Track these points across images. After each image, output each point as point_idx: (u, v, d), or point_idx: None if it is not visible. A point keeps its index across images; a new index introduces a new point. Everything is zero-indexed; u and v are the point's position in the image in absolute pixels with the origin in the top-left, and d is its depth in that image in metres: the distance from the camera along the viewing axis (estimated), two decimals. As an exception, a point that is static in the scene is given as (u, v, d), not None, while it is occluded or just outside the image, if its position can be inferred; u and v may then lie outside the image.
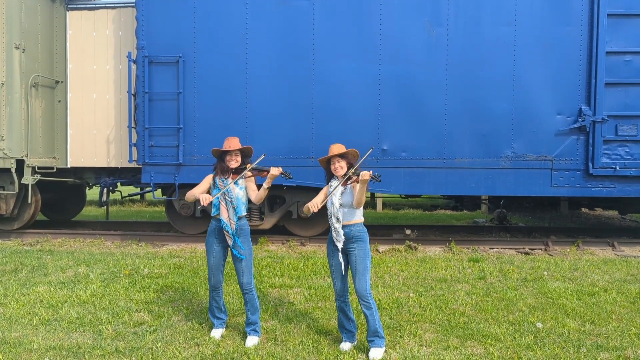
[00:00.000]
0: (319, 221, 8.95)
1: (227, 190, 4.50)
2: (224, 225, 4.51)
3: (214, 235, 4.62)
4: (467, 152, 8.06)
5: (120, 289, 6.01)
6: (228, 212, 4.51)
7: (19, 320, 5.07)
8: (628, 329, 4.83)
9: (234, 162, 4.58)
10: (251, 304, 4.60)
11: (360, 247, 4.33)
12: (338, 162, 4.39)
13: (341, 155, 4.39)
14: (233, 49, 8.17)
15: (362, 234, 4.36)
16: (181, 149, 8.24)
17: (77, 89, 9.05)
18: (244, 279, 4.58)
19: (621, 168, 7.88)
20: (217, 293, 4.68)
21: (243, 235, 4.59)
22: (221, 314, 4.74)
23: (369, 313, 4.27)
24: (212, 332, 4.68)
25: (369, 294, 4.27)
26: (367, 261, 4.32)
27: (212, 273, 4.64)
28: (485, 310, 5.33)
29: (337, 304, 4.46)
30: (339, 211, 4.30)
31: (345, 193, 4.34)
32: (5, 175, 8.84)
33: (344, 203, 4.32)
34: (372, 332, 4.30)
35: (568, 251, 8.20)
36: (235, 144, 4.59)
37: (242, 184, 4.59)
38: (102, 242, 8.92)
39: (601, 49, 7.76)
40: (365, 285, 4.27)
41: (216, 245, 4.61)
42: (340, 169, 4.37)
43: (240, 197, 4.56)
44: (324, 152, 8.09)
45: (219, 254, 4.62)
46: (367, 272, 4.31)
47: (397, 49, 8.03)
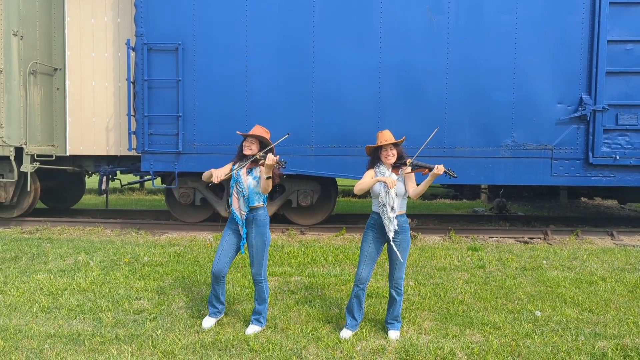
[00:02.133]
0: (319, 210, 8.95)
1: (238, 179, 4.47)
2: (234, 215, 4.49)
3: (231, 223, 4.60)
4: (467, 141, 8.04)
5: (120, 277, 6.02)
6: (239, 202, 4.47)
7: (19, 307, 5.08)
8: (626, 318, 4.85)
9: (247, 149, 4.51)
10: (259, 295, 4.58)
11: (404, 239, 4.38)
12: (391, 149, 4.37)
13: (394, 143, 4.38)
14: (233, 36, 8.12)
15: (405, 225, 4.40)
16: (180, 137, 8.21)
17: (75, 77, 9.00)
18: (253, 270, 4.55)
19: (621, 157, 7.87)
20: (217, 282, 4.57)
21: (257, 225, 4.50)
22: (219, 304, 4.66)
23: (398, 299, 4.43)
24: (203, 321, 4.63)
25: (402, 281, 4.43)
26: (408, 251, 4.44)
27: (218, 258, 4.50)
28: (484, 299, 5.35)
29: (355, 290, 4.45)
30: (395, 200, 4.27)
31: (399, 182, 4.33)
32: (4, 163, 8.81)
33: (398, 192, 4.31)
34: (394, 316, 4.46)
35: (567, 240, 8.21)
36: (256, 130, 4.53)
37: (256, 174, 4.50)
38: (101, 230, 8.92)
39: (602, 37, 7.71)
40: (402, 273, 4.42)
41: (231, 231, 4.57)
42: (392, 157, 4.36)
43: (253, 186, 4.47)
44: (324, 141, 8.15)
45: (231, 240, 4.55)
46: (406, 261, 4.43)
47: (398, 38, 7.98)
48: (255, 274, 4.56)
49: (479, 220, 10.27)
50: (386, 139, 4.34)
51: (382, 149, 4.37)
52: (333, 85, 8.08)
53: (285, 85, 8.14)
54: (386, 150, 4.35)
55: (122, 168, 9.25)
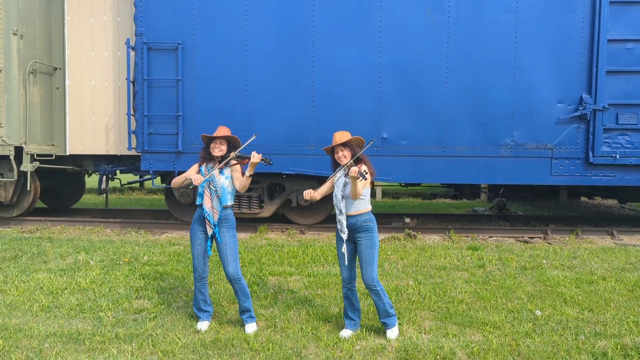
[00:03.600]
0: (319, 209, 8.95)
1: (212, 178, 4.48)
2: (206, 214, 4.48)
3: (197, 224, 4.59)
4: (467, 140, 8.03)
5: (120, 277, 6.02)
6: (212, 202, 4.48)
7: (19, 306, 5.08)
8: (626, 317, 4.85)
9: (218, 151, 4.54)
10: (242, 292, 4.55)
11: (367, 237, 4.28)
12: (341, 150, 4.29)
13: (344, 144, 4.28)
14: (232, 35, 8.12)
15: (368, 224, 4.29)
16: (180, 137, 8.21)
17: (75, 76, 9.00)
18: (230, 269, 4.51)
19: (621, 157, 7.87)
20: (202, 284, 4.62)
21: (227, 225, 4.56)
22: (207, 306, 4.68)
23: (377, 299, 4.33)
24: (198, 325, 4.60)
25: (376, 282, 4.29)
26: (373, 250, 4.28)
27: (197, 262, 4.59)
28: (484, 298, 5.35)
29: (344, 292, 4.47)
30: (340, 202, 4.24)
31: (348, 184, 4.25)
32: (4, 163, 8.81)
33: (346, 194, 4.25)
34: (383, 314, 4.38)
35: (567, 240, 8.21)
36: (223, 131, 4.56)
37: (227, 173, 4.55)
38: (101, 230, 8.92)
39: (603, 36, 7.71)
40: (372, 274, 4.27)
41: (200, 233, 4.58)
42: (344, 158, 4.27)
43: (226, 186, 4.52)
44: (324, 141, 8.13)
45: (202, 241, 4.58)
46: (374, 261, 4.29)
47: (398, 36, 7.98)
48: (233, 273, 4.51)
49: (479, 219, 10.27)
50: (336, 140, 4.28)
51: (334, 151, 4.33)
52: (333, 84, 8.08)
53: (285, 84, 8.13)
54: (337, 152, 4.30)
55: (122, 167, 9.25)
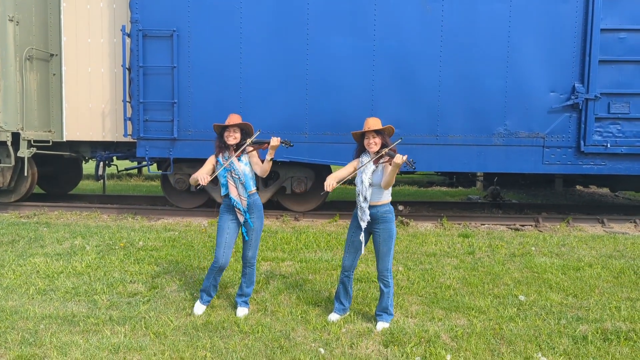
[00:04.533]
0: (313, 197, 9.04)
1: (232, 167, 4.51)
2: (235, 202, 4.51)
3: (227, 213, 4.59)
4: (460, 128, 8.10)
5: (115, 261, 6.13)
6: (237, 190, 4.53)
7: (16, 289, 5.19)
8: (609, 302, 4.96)
9: (232, 139, 4.57)
10: (249, 278, 4.69)
11: (385, 229, 4.27)
12: (373, 137, 4.20)
13: (377, 131, 4.21)
14: (227, 23, 8.14)
15: (388, 215, 4.28)
16: (176, 124, 8.27)
17: (71, 62, 9.03)
18: (250, 253, 4.64)
19: (612, 146, 7.94)
20: (219, 275, 4.67)
21: (257, 210, 4.62)
22: (214, 293, 4.77)
23: (385, 290, 4.37)
24: (196, 308, 4.68)
25: (389, 273, 4.35)
26: (391, 242, 4.30)
27: (222, 252, 4.55)
28: (472, 284, 5.46)
29: (341, 277, 4.52)
30: (367, 190, 4.20)
31: (376, 172, 4.22)
32: (2, 149, 8.89)
33: (373, 182, 4.21)
34: (382, 308, 4.43)
35: (558, 227, 8.31)
36: (235, 119, 4.59)
37: (245, 160, 4.59)
38: (98, 215, 9.02)
39: (596, 26, 7.74)
40: (387, 265, 4.32)
41: (230, 222, 4.58)
42: (374, 145, 4.20)
43: (247, 172, 4.57)
44: (318, 128, 8.20)
45: (233, 231, 4.59)
46: (391, 253, 4.32)
47: (392, 25, 8.00)
48: (251, 257, 4.66)
49: (472, 207, 10.36)
50: (369, 126, 4.22)
51: (365, 137, 4.27)
52: (327, 72, 8.12)
53: (279, 72, 8.18)
54: (368, 139, 4.23)
55: (119, 154, 9.32)
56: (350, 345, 4.05)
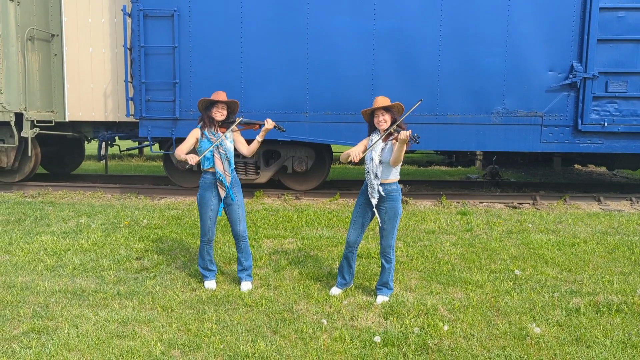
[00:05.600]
0: (314, 175, 9.15)
1: (221, 142, 4.64)
2: (220, 177, 4.62)
3: (209, 189, 4.69)
4: (459, 108, 8.17)
5: (120, 239, 6.26)
6: (223, 165, 4.64)
7: (25, 266, 5.33)
8: (602, 277, 5.10)
9: (220, 115, 4.66)
10: (245, 251, 4.83)
11: (391, 207, 4.34)
12: (382, 115, 4.22)
13: (386, 108, 4.23)
14: (228, 2, 8.15)
15: (395, 194, 4.34)
16: (177, 104, 8.35)
17: (72, 43, 9.06)
18: (240, 227, 4.77)
19: (609, 124, 8.02)
20: (210, 246, 4.85)
21: (237, 185, 4.80)
22: (213, 266, 4.91)
23: (387, 266, 4.49)
24: (206, 284, 4.83)
25: (392, 250, 4.46)
26: (396, 220, 4.38)
27: (208, 227, 4.75)
28: (469, 260, 5.60)
29: (345, 252, 4.62)
30: (378, 167, 4.24)
31: (385, 149, 4.25)
32: (5, 129, 8.97)
33: (383, 160, 4.25)
34: (383, 282, 4.56)
35: (555, 205, 8.44)
36: (222, 96, 4.68)
37: (230, 137, 4.71)
38: (102, 195, 9.14)
39: (595, 4, 7.76)
40: (391, 242, 4.42)
41: (213, 198, 4.71)
42: (384, 123, 4.22)
43: (231, 149, 4.70)
44: (318, 108, 8.28)
45: (216, 207, 4.73)
46: (395, 230, 4.41)
47: (392, 4, 8.02)
48: (242, 231, 4.78)
49: (471, 186, 10.48)
50: (378, 103, 4.25)
51: (374, 115, 4.30)
52: (327, 52, 8.17)
53: (280, 52, 8.22)
54: (377, 116, 4.26)
55: (121, 134, 9.41)
56: (351, 318, 4.20)
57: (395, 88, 8.14)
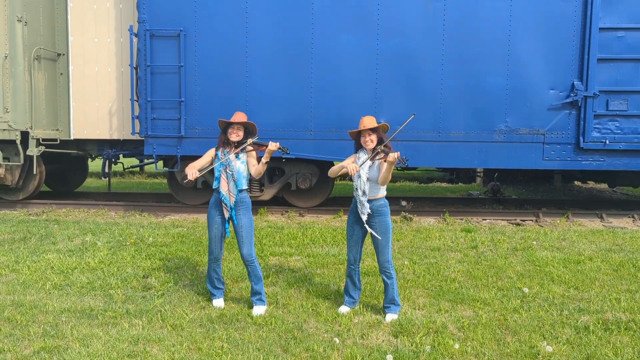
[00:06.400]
0: (318, 193, 9.20)
1: (228, 163, 4.65)
2: (223, 197, 4.65)
3: (215, 208, 4.76)
4: (462, 125, 8.25)
5: (127, 257, 6.27)
6: (228, 185, 4.65)
7: (33, 285, 5.34)
8: (609, 294, 5.13)
9: (235, 136, 4.70)
10: (254, 275, 4.76)
11: (381, 221, 4.49)
12: (369, 135, 4.44)
13: (372, 129, 4.45)
14: (234, 23, 8.27)
15: (383, 209, 4.50)
16: (183, 122, 8.41)
17: (78, 62, 9.16)
18: (244, 250, 4.73)
19: (611, 142, 8.10)
20: (217, 264, 4.85)
21: (244, 207, 4.73)
22: (220, 284, 4.91)
23: (389, 282, 4.55)
24: (214, 302, 4.84)
25: (390, 265, 4.54)
26: (389, 234, 4.51)
27: (213, 245, 4.79)
28: (476, 277, 5.62)
29: (348, 271, 4.70)
30: (365, 184, 4.43)
31: (372, 168, 4.45)
32: (11, 147, 9.00)
33: (370, 177, 4.44)
34: (389, 300, 4.60)
35: (558, 222, 8.48)
36: (240, 117, 4.74)
37: (243, 158, 4.71)
38: (106, 213, 9.16)
39: (595, 24, 7.89)
40: (387, 257, 4.51)
41: (217, 217, 4.74)
42: (370, 143, 4.43)
43: (242, 170, 4.69)
44: (323, 125, 8.35)
45: (220, 226, 4.75)
46: (389, 244, 4.52)
47: (395, 24, 8.14)
48: (246, 255, 4.73)
49: (474, 203, 10.53)
50: (365, 124, 4.45)
51: (361, 135, 4.49)
52: (331, 70, 8.27)
53: (284, 71, 8.32)
54: (364, 136, 4.46)
55: (125, 152, 9.45)
56: (361, 336, 4.21)
57: (398, 106, 8.24)
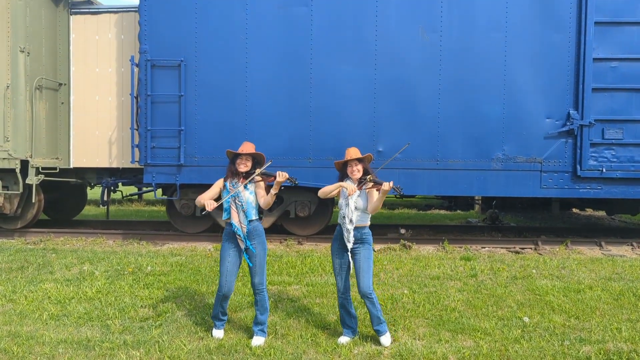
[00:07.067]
0: (316, 220, 9.19)
1: (237, 194, 4.64)
2: (235, 228, 4.61)
3: (229, 241, 4.70)
4: (460, 153, 8.32)
5: (124, 286, 6.23)
6: (239, 216, 4.62)
7: (29, 315, 5.29)
8: (610, 324, 5.10)
9: (243, 167, 4.69)
10: (261, 304, 4.71)
11: (365, 248, 4.57)
12: (355, 165, 4.57)
13: (358, 159, 4.58)
14: (233, 53, 8.40)
15: (367, 237, 4.59)
16: (182, 150, 8.46)
17: (80, 91, 9.27)
18: (256, 279, 4.69)
19: (607, 170, 8.16)
20: (226, 301, 4.77)
21: (257, 236, 4.69)
22: (225, 317, 4.87)
23: (371, 307, 4.56)
24: (214, 333, 4.79)
25: (371, 291, 4.54)
26: (370, 261, 4.57)
27: (225, 280, 4.66)
28: (476, 306, 5.59)
29: (339, 301, 4.69)
30: (353, 213, 4.50)
31: (360, 197, 4.53)
32: (10, 176, 9.02)
33: (358, 206, 4.51)
34: (376, 322, 4.59)
35: (557, 250, 8.47)
36: (248, 148, 4.72)
37: (252, 189, 4.69)
38: (104, 241, 9.12)
39: (588, 55, 8.04)
40: (368, 282, 4.52)
41: (232, 250, 4.68)
42: (357, 172, 4.57)
43: (251, 201, 4.66)
44: (322, 153, 8.41)
45: (234, 259, 4.68)
46: (370, 270, 4.56)
47: (392, 54, 8.28)
48: (257, 284, 4.70)
49: (472, 230, 10.52)
50: (351, 155, 4.59)
51: (348, 165, 4.60)
52: (330, 99, 8.37)
53: (284, 100, 8.41)
54: (351, 167, 4.58)
55: (124, 180, 9.48)
56: (361, 367, 4.17)
57: (396, 134, 8.31)
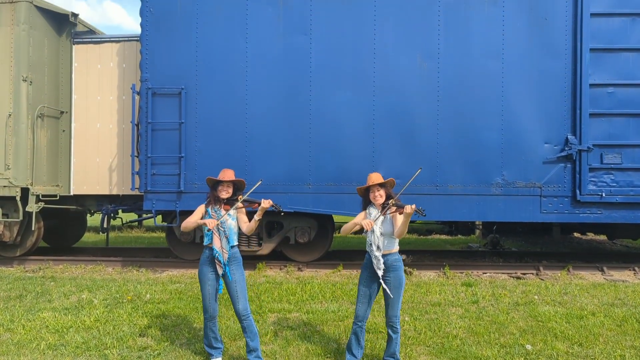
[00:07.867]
0: (317, 246, 9.16)
1: (222, 222, 4.68)
2: (217, 254, 4.65)
3: (207, 265, 4.74)
4: (459, 179, 8.33)
5: (123, 315, 6.18)
6: (221, 242, 4.67)
7: (27, 345, 5.23)
8: (614, 351, 5.04)
9: (225, 193, 4.76)
10: (250, 330, 4.70)
11: (396, 276, 4.51)
12: (377, 190, 4.56)
13: (380, 184, 4.58)
14: (233, 81, 8.50)
15: (397, 263, 4.55)
16: (182, 177, 8.49)
17: (81, 119, 9.34)
18: (239, 306, 4.68)
19: (607, 195, 8.16)
20: (213, 323, 4.78)
21: (236, 263, 4.76)
22: (218, 343, 4.84)
23: (394, 336, 4.54)
24: None
25: (397, 320, 4.54)
26: (401, 289, 4.54)
27: (208, 303, 4.73)
28: (478, 333, 5.53)
29: (354, 328, 4.63)
30: (379, 239, 4.48)
31: (385, 222, 4.52)
32: (10, 203, 9.03)
33: (384, 232, 4.50)
34: (391, 353, 4.57)
35: (559, 276, 8.42)
36: (229, 175, 4.79)
37: (233, 215, 4.76)
38: (103, 269, 9.08)
39: (585, 81, 8.11)
40: (396, 312, 4.52)
41: (210, 274, 4.73)
42: (380, 198, 4.55)
43: (233, 227, 4.73)
44: (321, 179, 8.43)
45: (213, 282, 4.73)
46: (400, 298, 4.54)
47: (390, 82, 8.36)
48: (242, 310, 4.68)
49: (473, 255, 10.47)
50: (373, 180, 4.58)
51: (370, 191, 4.60)
52: (329, 126, 8.42)
53: (283, 127, 8.47)
54: (373, 192, 4.57)
55: (124, 207, 9.48)
56: (362, 397, 4.10)
57: (395, 160, 8.34)
